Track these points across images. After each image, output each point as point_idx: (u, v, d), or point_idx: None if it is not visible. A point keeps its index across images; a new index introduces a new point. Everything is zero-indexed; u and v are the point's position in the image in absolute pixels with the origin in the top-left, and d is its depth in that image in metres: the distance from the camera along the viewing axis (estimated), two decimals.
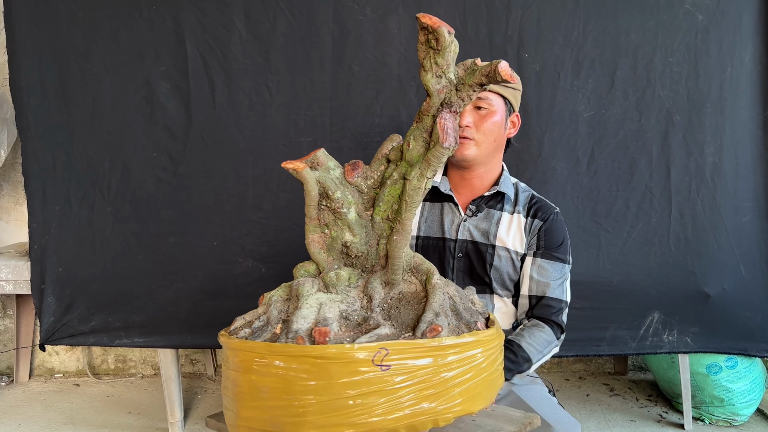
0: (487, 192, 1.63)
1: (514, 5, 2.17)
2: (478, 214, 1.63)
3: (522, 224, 1.63)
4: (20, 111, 2.20)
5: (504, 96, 1.55)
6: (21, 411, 2.57)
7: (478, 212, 1.63)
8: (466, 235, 1.62)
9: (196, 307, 2.23)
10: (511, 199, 1.64)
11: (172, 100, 2.20)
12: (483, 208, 1.63)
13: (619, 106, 2.22)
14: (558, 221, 1.64)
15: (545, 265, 1.60)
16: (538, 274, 1.59)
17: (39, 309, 2.25)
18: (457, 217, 1.63)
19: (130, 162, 2.21)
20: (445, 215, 1.63)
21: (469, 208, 1.63)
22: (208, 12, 2.17)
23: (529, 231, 1.63)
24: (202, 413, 2.56)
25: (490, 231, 1.61)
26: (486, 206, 1.63)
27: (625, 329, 2.27)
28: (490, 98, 1.53)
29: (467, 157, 1.55)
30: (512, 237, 1.61)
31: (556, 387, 2.81)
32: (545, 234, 1.61)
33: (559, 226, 1.64)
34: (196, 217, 2.23)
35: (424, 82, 1.08)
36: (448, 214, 1.63)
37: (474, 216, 1.63)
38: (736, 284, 2.28)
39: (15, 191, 2.86)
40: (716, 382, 2.38)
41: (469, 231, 1.62)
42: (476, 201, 1.63)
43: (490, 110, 1.53)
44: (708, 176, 2.25)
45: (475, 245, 1.61)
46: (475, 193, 1.64)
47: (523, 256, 1.63)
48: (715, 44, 2.22)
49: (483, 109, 1.53)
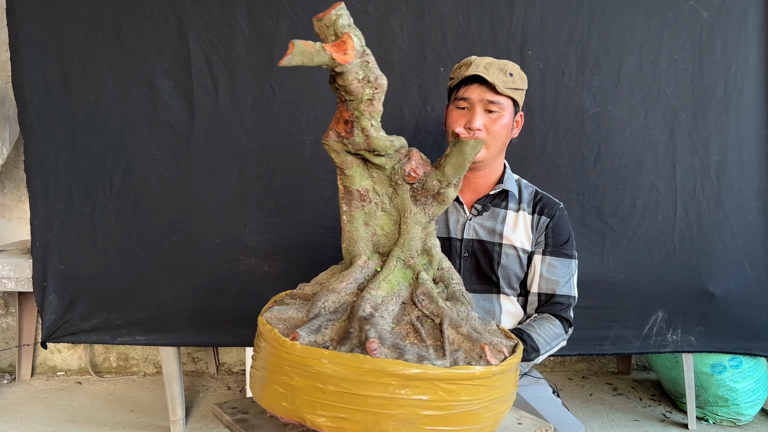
0: (491, 191, 1.62)
1: (517, 2, 2.16)
2: (484, 212, 1.62)
3: (528, 221, 1.62)
4: (23, 108, 2.20)
5: (512, 97, 1.54)
6: (23, 409, 2.57)
7: (484, 211, 1.62)
8: (472, 234, 1.61)
9: (199, 304, 2.23)
10: (516, 197, 1.64)
11: (175, 98, 2.19)
12: (488, 206, 1.62)
13: (624, 103, 2.21)
14: (564, 217, 1.64)
15: (555, 262, 1.59)
16: (548, 272, 1.59)
17: (41, 307, 2.24)
18: (463, 217, 1.62)
19: (133, 160, 2.21)
20: (450, 215, 1.62)
21: (474, 207, 1.62)
22: (211, 10, 2.16)
23: (536, 228, 1.62)
24: (204, 411, 2.56)
25: (496, 229, 1.61)
26: (491, 205, 1.63)
27: (629, 328, 2.26)
28: (501, 101, 1.51)
29: (476, 159, 1.54)
30: (519, 235, 1.61)
31: (559, 386, 2.80)
32: (553, 231, 1.61)
33: (564, 221, 1.64)
34: (199, 214, 2.22)
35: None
36: (453, 213, 1.63)
37: (479, 215, 1.62)
38: (740, 283, 2.27)
39: (17, 189, 2.86)
40: (720, 382, 2.37)
41: (474, 230, 1.61)
42: (481, 200, 1.62)
43: (501, 113, 1.52)
44: (713, 174, 2.24)
45: (481, 244, 1.61)
46: (479, 192, 1.64)
47: (530, 253, 1.62)
48: (720, 42, 2.21)
49: (494, 112, 1.51)
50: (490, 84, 1.48)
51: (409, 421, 0.88)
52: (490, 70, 1.49)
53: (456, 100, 1.54)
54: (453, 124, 1.55)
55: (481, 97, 1.50)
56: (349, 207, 1.08)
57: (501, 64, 1.51)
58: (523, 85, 1.56)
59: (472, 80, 1.51)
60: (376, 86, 0.96)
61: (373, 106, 0.97)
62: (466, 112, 1.53)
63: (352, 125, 1.00)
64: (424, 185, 1.05)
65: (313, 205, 2.21)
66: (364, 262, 1.08)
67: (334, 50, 0.92)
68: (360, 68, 0.94)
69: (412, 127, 2.19)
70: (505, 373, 0.96)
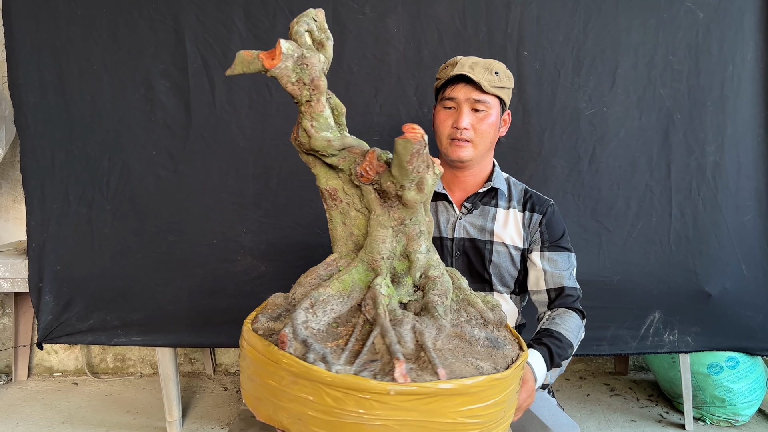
0: (480, 189, 1.63)
1: (514, 3, 2.17)
2: (474, 211, 1.62)
3: (519, 219, 1.63)
4: (19, 109, 2.19)
5: (499, 96, 1.54)
6: (19, 410, 2.56)
7: (473, 209, 1.62)
8: (462, 233, 1.61)
9: (195, 305, 2.23)
10: (505, 195, 1.64)
11: (172, 99, 2.19)
12: (478, 204, 1.63)
13: (620, 104, 2.21)
14: (556, 212, 1.65)
15: (555, 257, 1.60)
16: (551, 266, 1.59)
17: (37, 307, 2.24)
18: (453, 216, 1.62)
19: (130, 160, 2.21)
20: (440, 214, 1.63)
21: (464, 205, 1.63)
22: (208, 10, 2.16)
23: (528, 225, 1.62)
24: (201, 412, 2.55)
25: (487, 227, 1.61)
26: (481, 203, 1.63)
27: (626, 329, 2.26)
28: (488, 100, 1.51)
29: (464, 158, 1.55)
30: (509, 232, 1.61)
31: (557, 387, 2.80)
32: (547, 227, 1.62)
33: (557, 217, 1.65)
34: (196, 215, 2.22)
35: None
36: (443, 212, 1.63)
37: (469, 213, 1.62)
38: (737, 283, 2.27)
39: (13, 189, 2.86)
40: (717, 382, 2.37)
41: (465, 228, 1.62)
42: (471, 198, 1.63)
43: (487, 112, 1.52)
44: (709, 175, 2.24)
45: (472, 242, 1.61)
46: (468, 190, 1.64)
47: (524, 251, 1.62)
48: (717, 42, 2.21)
49: (481, 111, 1.52)
50: (476, 83, 1.48)
51: (299, 419, 0.87)
52: (475, 69, 1.49)
53: (443, 100, 1.55)
54: (440, 124, 1.55)
55: (468, 97, 1.50)
56: (326, 206, 1.10)
57: (486, 63, 1.51)
58: (509, 83, 1.56)
59: (458, 80, 1.51)
60: (313, 87, 0.99)
61: (312, 107, 1.00)
62: (453, 112, 1.53)
63: (298, 126, 1.03)
64: (382, 187, 1.04)
65: (310, 206, 2.21)
66: (333, 260, 1.09)
67: (264, 57, 0.95)
68: (293, 71, 0.97)
69: None
70: (417, 397, 0.82)
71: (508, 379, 0.91)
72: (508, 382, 0.91)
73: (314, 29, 1.01)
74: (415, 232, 1.05)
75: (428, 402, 0.83)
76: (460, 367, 0.89)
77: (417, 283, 1.05)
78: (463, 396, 0.85)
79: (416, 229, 1.05)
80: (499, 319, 1.04)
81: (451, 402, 0.85)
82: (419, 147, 0.95)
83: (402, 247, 1.05)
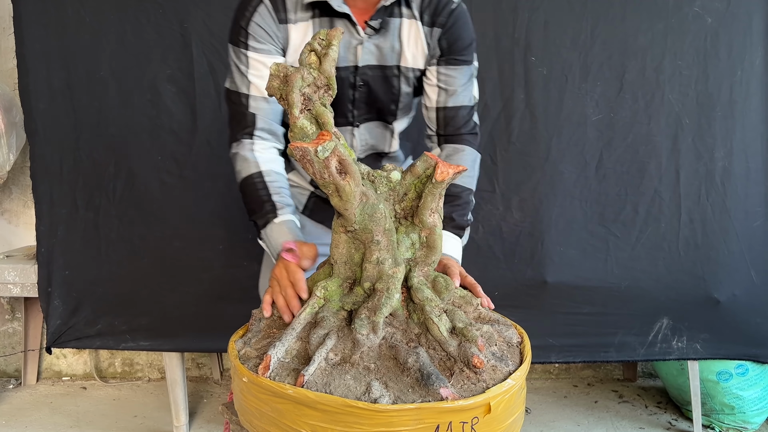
0: (387, 1, 1.32)
1: (521, 8, 2.16)
2: (381, 30, 1.35)
3: (422, 33, 1.38)
4: (28, 115, 2.21)
5: None
6: (28, 414, 2.58)
7: (381, 28, 1.35)
8: (367, 59, 1.35)
9: (202, 310, 2.23)
10: (407, 1, 1.37)
11: (178, 104, 2.20)
12: (387, 22, 1.35)
13: (628, 109, 2.20)
14: (461, 16, 1.38)
15: (451, 72, 1.39)
16: (446, 83, 1.39)
17: (46, 312, 2.26)
18: (356, 39, 1.34)
19: (136, 165, 2.22)
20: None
21: (368, 24, 1.34)
22: (215, 16, 2.17)
23: (429, 43, 1.39)
24: (208, 417, 2.56)
25: (395, 47, 1.36)
26: (389, 18, 1.36)
27: (634, 335, 2.24)
28: None
29: None
30: (415, 53, 1.39)
31: (564, 393, 2.79)
32: (448, 37, 1.38)
33: (462, 22, 1.38)
34: (202, 220, 2.22)
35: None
36: (344, 35, 1.32)
37: (376, 34, 1.35)
38: (746, 290, 2.25)
39: (24, 194, 2.87)
40: (727, 390, 2.34)
41: (371, 53, 1.35)
42: (377, 15, 1.33)
43: None
44: (718, 180, 2.22)
45: (381, 70, 1.37)
46: (372, 3, 1.33)
47: (423, 71, 1.42)
48: (725, 47, 2.19)
49: None
50: None
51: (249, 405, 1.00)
52: None
53: None
54: None
55: None
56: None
57: None
58: None
59: None
60: (288, 102, 1.04)
61: (291, 118, 1.10)
62: None
63: None
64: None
65: None
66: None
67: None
68: (278, 90, 1.04)
69: (416, 131, 2.18)
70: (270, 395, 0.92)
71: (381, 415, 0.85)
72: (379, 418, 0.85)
73: (317, 48, 1.04)
74: (368, 241, 1.03)
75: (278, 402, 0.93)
76: (337, 385, 0.91)
77: (367, 292, 1.05)
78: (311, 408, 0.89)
79: (369, 238, 1.02)
80: (464, 358, 0.95)
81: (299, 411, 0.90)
82: (302, 152, 0.94)
83: (360, 254, 1.05)
